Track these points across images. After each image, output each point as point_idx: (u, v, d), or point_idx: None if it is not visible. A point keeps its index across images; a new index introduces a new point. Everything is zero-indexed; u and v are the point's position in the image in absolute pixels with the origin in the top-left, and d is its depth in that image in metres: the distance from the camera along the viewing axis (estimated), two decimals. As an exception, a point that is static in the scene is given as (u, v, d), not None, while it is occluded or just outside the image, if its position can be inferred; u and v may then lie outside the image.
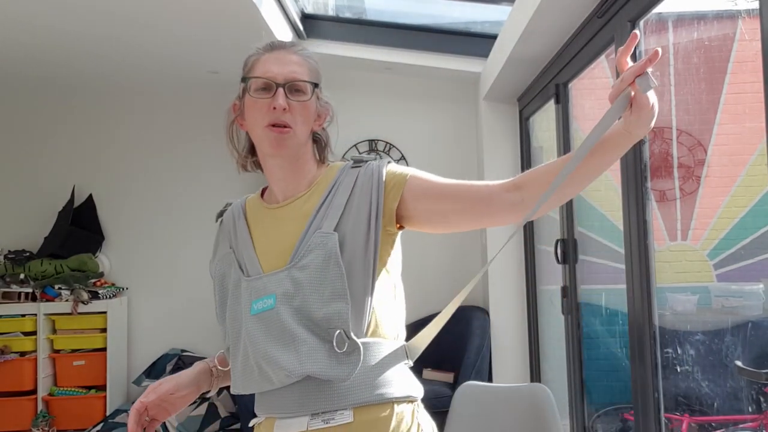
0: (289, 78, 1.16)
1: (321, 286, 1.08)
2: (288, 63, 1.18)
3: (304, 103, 1.16)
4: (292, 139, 1.16)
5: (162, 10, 2.88)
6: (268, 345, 1.09)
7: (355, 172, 1.19)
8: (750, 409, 2.57)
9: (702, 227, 3.14)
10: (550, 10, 2.29)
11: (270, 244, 1.18)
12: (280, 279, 1.11)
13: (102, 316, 4.03)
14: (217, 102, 4.86)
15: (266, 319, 1.10)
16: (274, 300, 1.10)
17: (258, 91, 1.16)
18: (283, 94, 1.14)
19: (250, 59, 1.23)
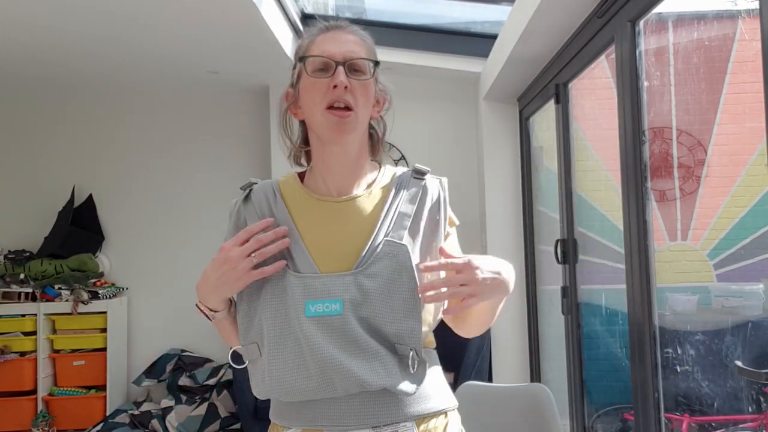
0: (348, 56, 1.10)
1: (390, 298, 1.05)
2: (345, 42, 1.12)
3: (364, 83, 1.11)
4: (353, 123, 1.09)
5: (162, 10, 2.88)
6: (336, 352, 1.02)
7: (418, 183, 1.16)
8: (750, 409, 2.57)
9: (702, 227, 3.14)
10: (550, 10, 2.29)
11: (326, 242, 1.11)
12: (345, 284, 1.05)
13: (102, 316, 4.03)
14: (217, 102, 4.91)
15: (329, 325, 1.04)
16: (341, 306, 1.04)
17: (316, 72, 1.10)
18: (343, 71, 1.08)
19: (304, 41, 1.16)
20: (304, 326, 1.04)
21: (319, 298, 1.05)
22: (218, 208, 4.47)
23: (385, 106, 1.19)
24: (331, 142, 1.11)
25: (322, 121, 1.09)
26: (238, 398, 3.57)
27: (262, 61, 3.69)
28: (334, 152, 1.13)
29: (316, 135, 1.13)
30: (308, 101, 1.11)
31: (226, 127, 4.45)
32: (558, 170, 2.85)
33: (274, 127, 4.20)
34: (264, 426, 3.96)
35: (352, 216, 1.12)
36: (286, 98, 1.17)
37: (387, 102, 1.19)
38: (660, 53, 3.17)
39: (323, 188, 1.16)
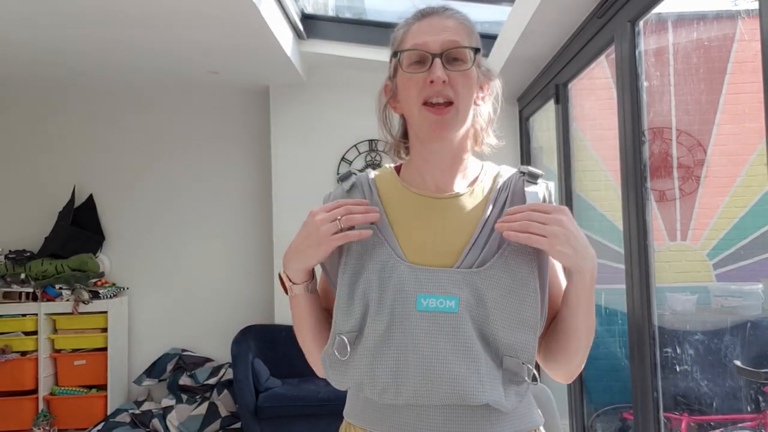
0: (446, 45, 1.01)
1: (508, 304, 0.98)
2: (443, 29, 1.02)
3: (465, 73, 1.02)
4: (454, 118, 1.01)
5: (162, 10, 2.88)
6: (444, 354, 0.94)
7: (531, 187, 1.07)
8: (749, 409, 2.58)
9: (701, 227, 3.14)
10: (550, 10, 2.30)
11: (421, 237, 1.03)
12: (455, 280, 0.98)
13: (103, 316, 4.03)
14: (217, 102, 4.90)
15: (442, 323, 0.95)
16: (456, 304, 0.96)
17: (412, 66, 1.02)
18: (440, 64, 0.99)
19: (398, 32, 1.08)
20: (414, 320, 0.96)
21: (430, 292, 0.97)
22: (218, 208, 4.49)
23: (488, 90, 1.09)
24: (429, 140, 1.05)
25: (420, 118, 1.02)
26: (239, 398, 3.58)
27: (262, 62, 3.69)
28: (433, 148, 1.06)
29: (415, 131, 1.07)
30: (405, 97, 1.04)
31: (226, 128, 4.45)
32: (558, 170, 2.85)
33: (275, 127, 4.21)
34: (264, 425, 3.93)
35: (451, 214, 1.05)
36: (385, 92, 1.11)
37: (491, 87, 1.09)
38: (660, 53, 3.17)
39: (421, 183, 1.09)
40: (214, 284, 4.36)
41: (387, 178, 1.13)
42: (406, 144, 1.12)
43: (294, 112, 4.17)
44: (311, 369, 1.12)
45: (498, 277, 0.98)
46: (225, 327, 4.19)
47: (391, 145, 1.13)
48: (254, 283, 4.34)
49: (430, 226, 1.04)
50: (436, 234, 1.03)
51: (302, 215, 1.06)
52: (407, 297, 0.97)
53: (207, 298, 4.35)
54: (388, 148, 1.15)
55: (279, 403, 3.53)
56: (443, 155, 1.07)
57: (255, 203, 4.38)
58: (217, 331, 4.25)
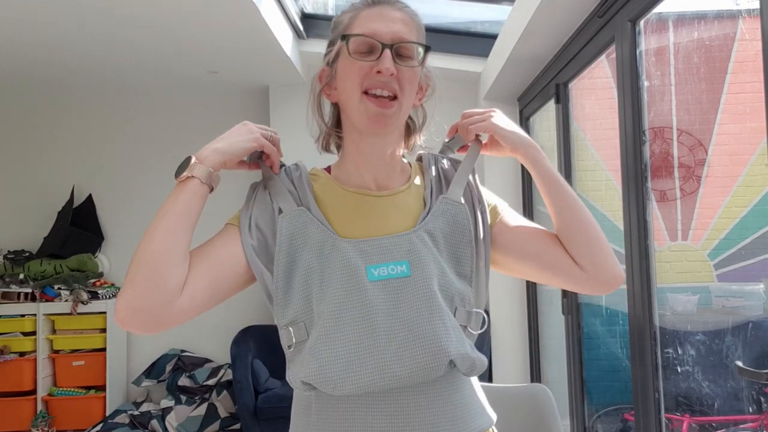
0: (397, 38, 0.97)
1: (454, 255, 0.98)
2: (394, 20, 0.98)
3: (413, 70, 0.99)
4: (396, 114, 0.98)
5: (162, 10, 2.88)
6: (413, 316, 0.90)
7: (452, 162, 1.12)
8: (750, 410, 2.57)
9: (702, 227, 3.14)
10: (550, 9, 2.29)
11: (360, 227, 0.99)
12: (400, 243, 0.94)
13: (101, 317, 4.02)
14: (217, 102, 4.89)
15: (399, 288, 0.91)
16: (407, 267, 0.92)
17: (358, 54, 0.98)
18: (390, 56, 0.95)
19: (344, 16, 1.03)
20: (369, 292, 0.91)
21: (381, 261, 0.93)
22: (217, 208, 4.46)
23: (427, 93, 1.08)
24: (368, 133, 1.01)
25: (360, 108, 0.98)
26: (238, 398, 3.57)
27: (262, 62, 3.68)
28: (370, 142, 1.03)
29: (351, 122, 1.03)
30: (345, 83, 1.00)
31: (226, 128, 4.38)
32: (558, 170, 2.84)
33: (275, 127, 4.20)
34: (264, 426, 3.92)
35: (393, 211, 1.01)
36: (320, 78, 1.06)
37: (430, 88, 1.08)
38: (660, 53, 3.17)
39: (358, 180, 1.04)
40: (214, 285, 4.35)
41: (319, 175, 1.08)
42: (338, 134, 1.08)
43: (294, 112, 4.17)
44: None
45: (440, 230, 0.98)
46: (224, 327, 4.18)
47: (323, 134, 1.10)
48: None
49: (370, 223, 1.00)
50: (377, 229, 0.99)
51: None
52: (356, 270, 0.92)
53: (206, 299, 4.33)
54: (319, 138, 1.11)
55: (279, 404, 3.52)
56: (382, 149, 1.04)
57: (254, 203, 4.37)
58: (217, 331, 4.24)
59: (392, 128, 1.01)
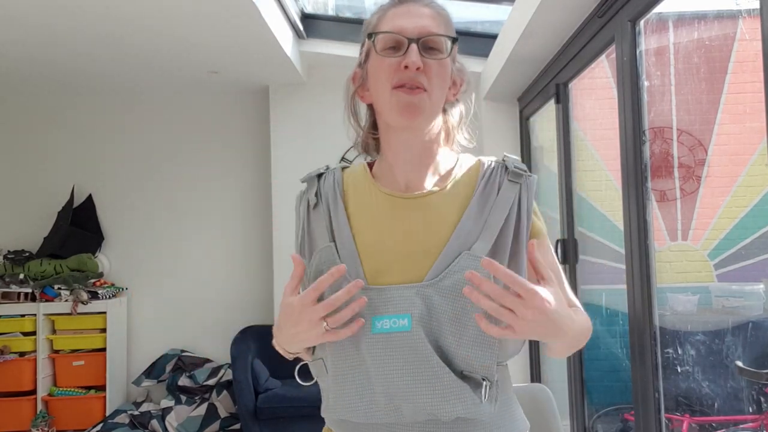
0: (424, 32, 0.97)
1: (460, 319, 0.92)
2: (421, 16, 0.99)
3: (441, 62, 0.98)
4: (425, 102, 0.96)
5: (162, 9, 2.88)
6: (404, 375, 0.92)
7: (515, 187, 1.00)
8: (750, 410, 2.57)
9: (702, 227, 3.13)
10: (550, 9, 2.29)
11: (387, 245, 0.98)
12: (408, 296, 0.93)
13: (101, 317, 4.02)
14: (217, 102, 4.90)
15: (397, 343, 0.92)
16: (409, 322, 0.92)
17: (386, 50, 0.98)
18: (416, 50, 0.95)
19: (373, 17, 1.04)
20: (370, 344, 0.93)
21: (385, 313, 0.93)
22: (218, 208, 4.48)
23: (462, 88, 1.05)
24: (399, 126, 0.99)
25: (390, 101, 0.97)
26: (238, 398, 3.57)
27: (262, 62, 3.68)
28: (402, 138, 1.01)
29: (384, 120, 1.02)
30: (376, 82, 0.99)
31: (226, 127, 4.45)
32: (558, 170, 2.84)
33: (275, 127, 4.20)
34: (264, 426, 3.93)
35: (421, 216, 0.99)
36: (354, 80, 1.06)
37: (465, 83, 1.05)
38: (660, 53, 3.17)
39: (391, 180, 1.03)
40: (214, 285, 4.35)
41: (358, 176, 1.08)
42: (375, 136, 1.07)
43: (294, 112, 4.16)
44: None
45: (452, 290, 0.92)
46: (224, 327, 4.18)
47: (360, 136, 1.09)
48: (254, 283, 4.33)
49: (397, 232, 0.99)
50: (403, 242, 0.97)
51: None
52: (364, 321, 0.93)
53: (206, 299, 4.34)
54: (356, 141, 1.10)
55: (278, 404, 3.52)
56: (413, 146, 1.01)
57: (254, 203, 4.37)
58: (217, 331, 4.24)
59: (423, 119, 0.99)
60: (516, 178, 1.02)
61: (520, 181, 1.01)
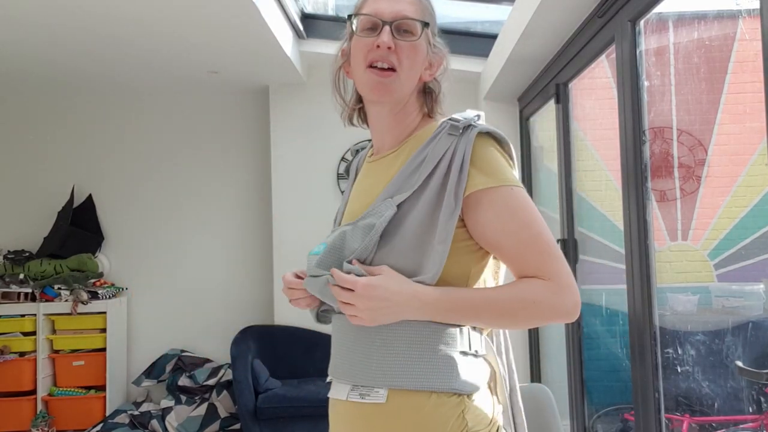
0: (398, 15, 1.08)
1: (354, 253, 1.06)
2: (398, 1, 1.09)
3: (412, 44, 1.08)
4: (395, 83, 1.08)
5: (162, 9, 2.88)
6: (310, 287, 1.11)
7: (449, 140, 1.05)
8: (750, 410, 2.57)
9: (702, 227, 3.13)
10: (551, 9, 2.29)
11: (354, 201, 1.17)
12: (338, 231, 1.10)
13: (101, 317, 4.02)
14: (217, 102, 4.90)
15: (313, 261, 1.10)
16: (323, 248, 1.09)
17: (364, 31, 1.09)
18: (388, 31, 1.06)
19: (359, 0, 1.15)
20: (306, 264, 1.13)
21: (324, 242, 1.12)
22: (218, 208, 4.48)
23: (440, 69, 1.15)
24: (371, 101, 1.13)
25: (364, 78, 1.09)
26: (238, 399, 3.57)
27: (262, 61, 3.68)
28: (375, 110, 1.14)
29: (361, 94, 1.15)
30: (355, 59, 1.11)
31: (226, 127, 4.45)
32: (558, 170, 2.84)
33: (274, 127, 4.20)
34: (264, 426, 3.92)
35: (376, 174, 1.14)
36: (342, 54, 1.17)
37: (443, 64, 1.15)
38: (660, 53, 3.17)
39: (372, 148, 1.21)
40: (214, 284, 4.35)
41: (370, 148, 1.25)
42: (359, 107, 1.19)
43: (294, 112, 4.17)
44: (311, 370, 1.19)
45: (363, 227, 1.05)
46: (224, 327, 4.18)
47: (344, 108, 1.20)
48: (254, 283, 4.33)
49: (360, 188, 1.18)
50: (360, 195, 1.16)
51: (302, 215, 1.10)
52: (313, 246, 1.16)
53: (206, 299, 4.34)
54: (341, 113, 1.21)
55: (279, 404, 3.52)
56: (382, 117, 1.14)
57: (254, 203, 4.37)
58: (217, 331, 4.24)
59: (393, 96, 1.10)
60: (453, 131, 1.06)
61: (456, 133, 1.05)
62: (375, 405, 1.02)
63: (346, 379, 1.06)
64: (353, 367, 1.05)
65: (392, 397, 1.01)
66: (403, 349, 1.02)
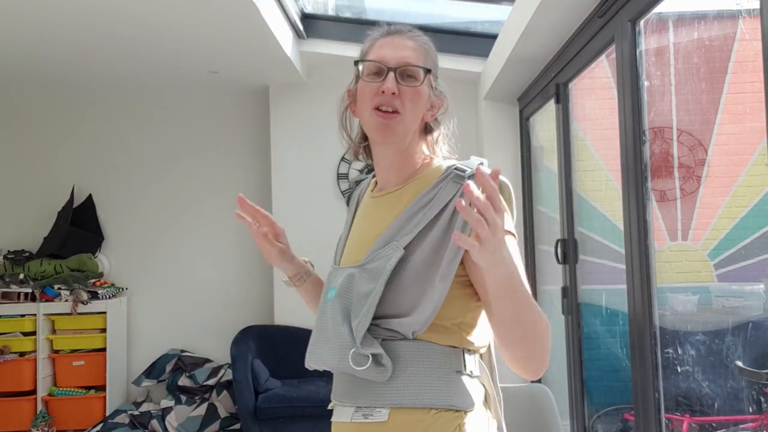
0: (402, 62, 1.15)
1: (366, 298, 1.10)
2: (402, 48, 1.16)
3: (415, 89, 1.15)
4: (399, 125, 1.14)
5: (162, 9, 2.88)
6: (319, 340, 1.15)
7: (455, 187, 1.11)
8: (750, 410, 2.57)
9: (702, 227, 3.13)
10: (550, 9, 2.29)
11: (358, 235, 1.22)
12: (345, 274, 1.15)
13: (101, 317, 4.02)
14: (217, 102, 4.90)
15: (329, 310, 1.14)
16: (332, 293, 1.15)
17: (370, 76, 1.16)
18: (393, 78, 1.13)
19: (366, 44, 1.22)
20: (321, 309, 1.18)
21: (331, 286, 1.17)
22: (218, 208, 4.48)
23: (440, 110, 1.22)
24: (376, 142, 1.19)
25: (370, 121, 1.15)
26: (238, 399, 3.57)
27: (262, 61, 3.68)
28: (380, 150, 1.20)
29: (367, 134, 1.21)
30: (361, 102, 1.18)
31: (226, 127, 4.45)
32: (558, 170, 2.84)
33: (274, 127, 4.20)
34: (264, 426, 3.93)
35: (380, 211, 1.19)
36: (348, 95, 1.24)
37: (443, 106, 1.22)
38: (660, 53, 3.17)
39: (376, 185, 1.26)
40: (214, 284, 4.35)
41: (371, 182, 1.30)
42: (365, 144, 1.26)
43: (294, 112, 4.17)
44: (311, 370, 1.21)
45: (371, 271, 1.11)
46: (224, 327, 4.18)
47: (349, 145, 1.27)
48: (254, 283, 4.33)
49: (364, 224, 1.22)
50: (364, 231, 1.20)
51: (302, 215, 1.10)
52: (326, 290, 1.20)
53: (206, 299, 4.34)
54: (347, 148, 1.28)
55: (279, 404, 3.52)
56: (387, 155, 1.20)
57: (254, 202, 4.35)
58: (217, 331, 4.24)
59: (397, 137, 1.15)
60: (458, 179, 1.12)
61: (461, 181, 1.11)
62: (378, 423, 1.09)
63: (349, 402, 1.12)
64: (357, 391, 1.11)
65: (394, 415, 1.08)
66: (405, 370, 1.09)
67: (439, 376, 1.10)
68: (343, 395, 1.14)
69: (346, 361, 1.08)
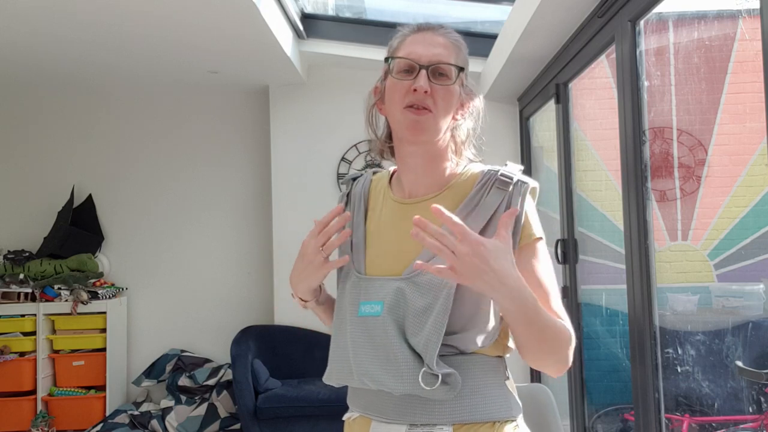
0: (434, 60, 1.10)
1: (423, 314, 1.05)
2: (434, 45, 1.11)
3: (447, 88, 1.10)
4: (430, 122, 1.09)
5: (162, 9, 2.88)
6: (370, 358, 1.07)
7: (500, 194, 1.09)
8: (750, 410, 2.57)
9: (702, 227, 3.14)
10: (551, 9, 2.29)
11: (385, 243, 1.14)
12: (391, 287, 1.08)
13: (101, 317, 4.02)
14: (217, 102, 4.89)
15: (369, 326, 1.08)
16: (381, 308, 1.07)
17: (400, 73, 1.11)
18: (425, 76, 1.08)
19: (395, 40, 1.17)
20: (353, 327, 1.10)
21: (368, 299, 1.10)
22: (218, 208, 4.48)
23: (469, 109, 1.17)
24: (407, 141, 1.13)
25: (401, 119, 1.10)
26: (238, 399, 3.57)
27: (262, 61, 3.68)
28: (410, 151, 1.14)
29: (395, 133, 1.16)
30: (390, 100, 1.13)
31: (226, 127, 4.45)
32: (558, 170, 2.84)
33: (274, 127, 4.20)
34: (264, 426, 3.92)
35: None
36: (375, 92, 1.19)
37: (472, 105, 1.17)
38: (660, 53, 3.17)
39: (399, 188, 1.19)
40: (214, 285, 4.35)
41: (382, 180, 1.23)
42: (389, 145, 1.20)
43: (294, 112, 4.17)
44: (311, 370, 1.17)
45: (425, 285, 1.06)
46: (224, 327, 4.18)
47: (375, 143, 1.22)
48: (254, 283, 4.33)
49: (392, 232, 1.14)
50: (398, 241, 1.12)
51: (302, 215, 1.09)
52: (353, 305, 1.11)
53: (206, 299, 4.34)
54: (372, 147, 1.23)
55: (279, 404, 3.52)
56: (417, 158, 1.14)
57: (254, 203, 4.37)
58: (217, 331, 4.24)
59: (427, 136, 1.11)
60: (503, 185, 1.10)
61: (506, 188, 1.10)
62: None
63: (400, 419, 1.07)
64: (411, 408, 1.06)
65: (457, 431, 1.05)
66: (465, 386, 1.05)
67: (495, 388, 1.09)
68: (389, 412, 1.07)
69: (416, 383, 1.02)
